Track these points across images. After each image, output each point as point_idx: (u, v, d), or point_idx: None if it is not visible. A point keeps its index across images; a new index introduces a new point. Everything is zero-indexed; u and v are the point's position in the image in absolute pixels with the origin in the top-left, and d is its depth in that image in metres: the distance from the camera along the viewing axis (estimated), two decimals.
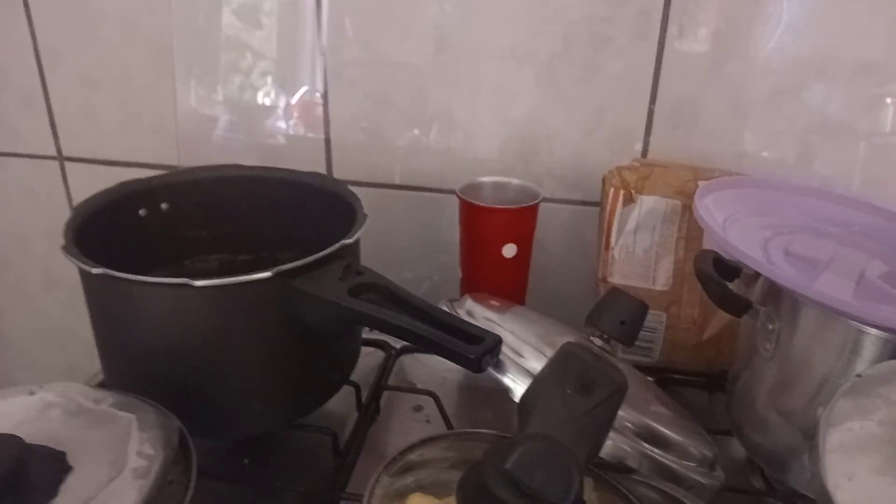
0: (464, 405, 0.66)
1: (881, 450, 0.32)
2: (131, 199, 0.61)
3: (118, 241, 0.57)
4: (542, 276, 0.76)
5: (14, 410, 0.44)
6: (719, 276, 0.53)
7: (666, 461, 0.45)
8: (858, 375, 0.37)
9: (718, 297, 0.52)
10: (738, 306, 0.52)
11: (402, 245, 0.83)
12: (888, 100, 0.68)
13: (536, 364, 0.46)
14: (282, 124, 0.82)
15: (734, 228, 0.54)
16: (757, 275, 0.54)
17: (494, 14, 0.72)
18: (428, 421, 0.63)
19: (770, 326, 0.51)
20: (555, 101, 0.74)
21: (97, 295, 0.51)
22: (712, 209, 0.55)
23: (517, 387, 0.45)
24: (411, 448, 0.43)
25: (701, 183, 0.60)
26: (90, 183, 0.88)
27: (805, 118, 0.70)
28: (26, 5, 0.82)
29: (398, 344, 0.72)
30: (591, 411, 0.36)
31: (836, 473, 0.30)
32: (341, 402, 0.62)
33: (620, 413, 0.41)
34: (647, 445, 0.45)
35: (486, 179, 0.71)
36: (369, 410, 0.62)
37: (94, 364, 0.57)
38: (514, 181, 0.71)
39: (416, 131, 0.79)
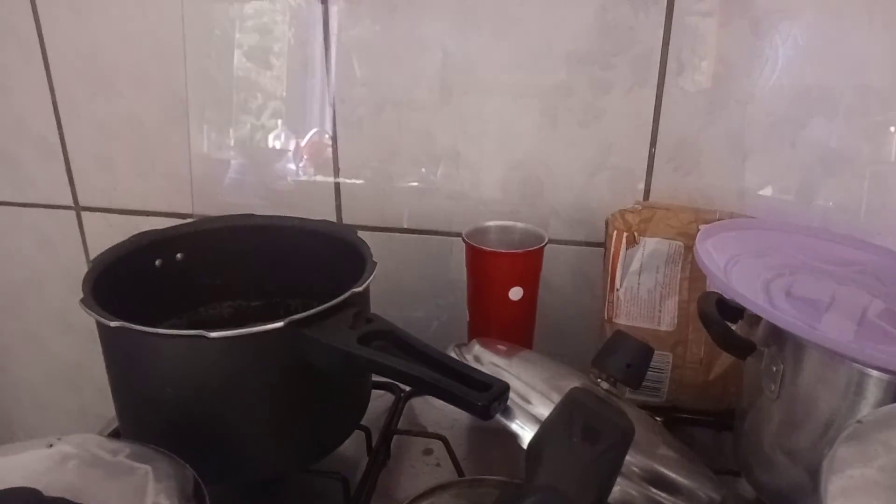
0: (474, 448, 0.67)
1: (881, 496, 0.32)
2: (147, 250, 0.63)
3: (135, 291, 0.59)
4: (549, 315, 0.77)
5: (33, 463, 0.45)
6: (722, 318, 0.53)
7: None
8: (859, 421, 0.37)
9: (722, 340, 0.53)
10: (742, 348, 0.53)
11: (412, 287, 0.84)
12: (892, 128, 0.69)
13: (544, 410, 0.46)
14: (292, 167, 0.84)
15: (736, 271, 0.54)
16: (760, 316, 0.54)
17: (497, 59, 0.74)
18: (438, 465, 0.64)
19: (774, 368, 0.51)
20: (558, 144, 0.76)
21: (114, 346, 0.53)
22: (713, 252, 0.56)
23: (525, 433, 0.45)
24: (421, 497, 0.44)
25: (701, 226, 0.61)
26: (106, 231, 0.92)
27: (806, 154, 0.71)
28: (45, 59, 0.85)
29: (407, 387, 0.72)
30: (598, 459, 0.37)
31: None
32: (352, 447, 0.62)
33: (628, 458, 0.41)
34: (654, 490, 0.45)
35: (491, 223, 0.73)
36: (380, 455, 0.63)
37: (107, 408, 0.58)
38: (520, 225, 0.73)
39: (423, 174, 0.80)
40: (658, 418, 0.65)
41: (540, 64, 0.73)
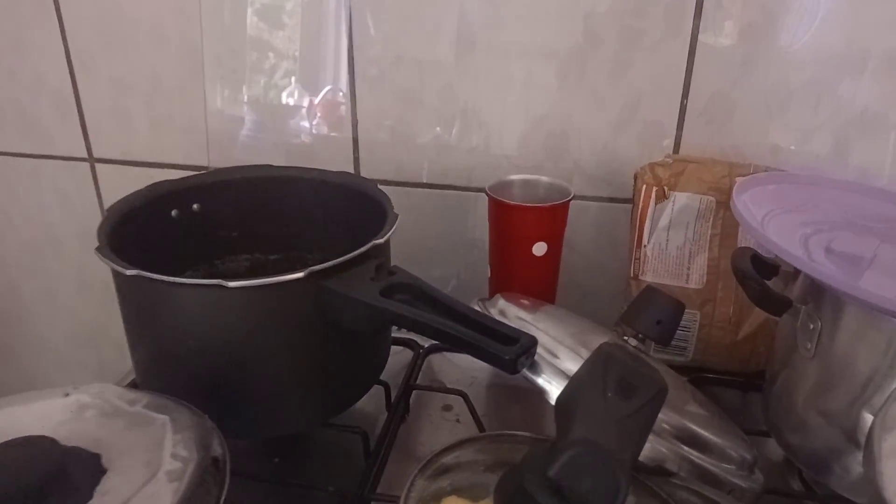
0: (493, 404, 0.66)
1: None
2: (163, 200, 0.61)
3: (150, 242, 0.58)
4: (570, 274, 0.75)
5: (50, 412, 0.44)
6: (758, 275, 0.51)
7: (705, 464, 0.44)
8: None
9: (758, 296, 0.51)
10: (778, 305, 0.51)
11: (430, 243, 0.83)
12: None
13: (572, 365, 0.45)
14: (307, 124, 0.82)
15: (773, 225, 0.52)
16: (796, 273, 0.53)
17: (523, 10, 0.72)
18: (458, 421, 0.63)
19: (811, 325, 0.49)
20: (584, 97, 0.73)
21: (130, 296, 0.52)
22: (750, 206, 0.54)
23: (552, 389, 0.44)
24: (446, 450, 0.43)
25: (738, 179, 0.59)
26: (120, 184, 0.90)
27: (840, 111, 0.69)
28: (59, 13, 0.83)
29: (426, 343, 0.72)
30: (634, 414, 0.35)
31: (894, 479, 0.29)
32: (370, 402, 0.62)
33: (659, 415, 0.40)
34: (686, 448, 0.44)
35: (515, 177, 0.71)
36: (399, 410, 0.62)
37: (125, 363, 0.58)
38: (545, 179, 0.71)
39: (443, 129, 0.78)
40: (683, 378, 0.64)
41: (567, 13, 0.70)
